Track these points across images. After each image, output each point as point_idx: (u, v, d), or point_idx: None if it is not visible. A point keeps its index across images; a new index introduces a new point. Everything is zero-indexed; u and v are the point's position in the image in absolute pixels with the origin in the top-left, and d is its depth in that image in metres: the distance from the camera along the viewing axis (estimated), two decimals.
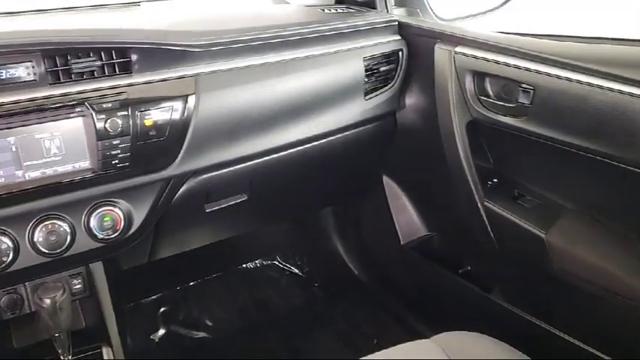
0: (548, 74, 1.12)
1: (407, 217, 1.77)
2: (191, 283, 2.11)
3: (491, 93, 1.31)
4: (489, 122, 1.30)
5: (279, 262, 2.26)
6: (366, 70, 1.44)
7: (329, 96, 1.39)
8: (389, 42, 1.48)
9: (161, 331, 1.91)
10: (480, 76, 1.31)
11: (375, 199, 1.81)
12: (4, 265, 1.06)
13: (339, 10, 1.57)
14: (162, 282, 2.02)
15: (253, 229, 2.08)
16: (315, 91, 1.36)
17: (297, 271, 2.24)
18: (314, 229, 2.20)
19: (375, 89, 1.49)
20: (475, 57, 1.29)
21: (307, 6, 1.64)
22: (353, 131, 1.49)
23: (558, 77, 1.10)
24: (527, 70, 1.16)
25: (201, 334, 1.92)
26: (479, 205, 1.39)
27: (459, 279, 1.60)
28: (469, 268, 1.63)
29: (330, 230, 2.14)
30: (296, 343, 1.85)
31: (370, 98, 1.48)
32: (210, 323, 1.96)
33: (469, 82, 1.33)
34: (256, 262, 2.25)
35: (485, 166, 1.43)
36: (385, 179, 1.78)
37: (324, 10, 1.56)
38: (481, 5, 1.69)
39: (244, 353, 1.81)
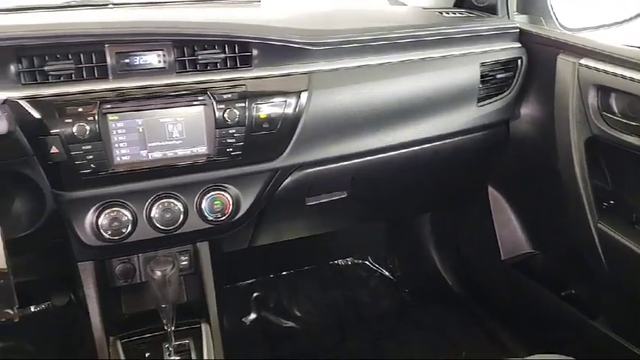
0: None
1: (510, 232, 1.71)
2: (284, 273, 2.17)
3: (615, 109, 1.24)
4: (611, 140, 1.23)
5: (371, 263, 2.27)
6: (482, 76, 1.41)
7: (441, 100, 1.38)
8: (508, 49, 1.43)
9: (252, 315, 1.98)
10: (604, 90, 1.24)
11: (478, 209, 1.76)
12: (123, 235, 1.16)
13: (459, 14, 1.54)
14: (257, 268, 2.10)
15: (349, 227, 2.10)
16: (427, 94, 1.35)
17: (387, 274, 2.23)
18: (409, 234, 2.18)
19: (490, 96, 1.45)
20: (601, 71, 1.22)
21: (425, 8, 1.62)
22: (462, 137, 1.47)
23: None
24: None
25: (290, 324, 1.97)
26: (592, 226, 1.31)
27: (561, 301, 1.53)
28: (573, 291, 1.54)
29: (427, 236, 2.11)
30: (382, 344, 1.85)
31: (483, 105, 1.44)
32: (298, 314, 2.01)
33: (592, 97, 1.26)
34: (348, 259, 2.27)
35: (602, 187, 1.35)
36: (490, 190, 1.72)
37: (442, 14, 1.54)
38: (610, 16, 1.59)
39: (330, 348, 1.84)
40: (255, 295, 2.05)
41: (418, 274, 2.17)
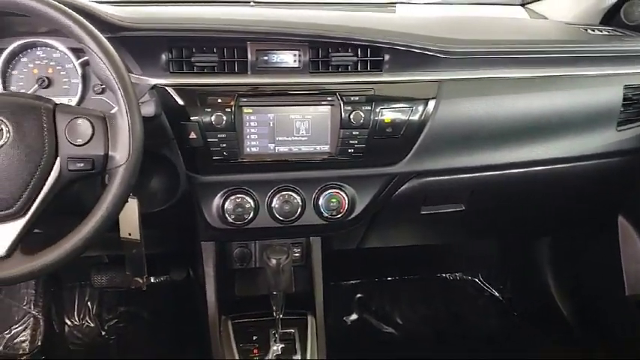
0: None
1: (638, 267, 1.57)
2: (389, 278, 2.16)
3: None
4: None
5: (480, 281, 2.20)
6: (625, 99, 1.32)
7: (575, 120, 1.31)
8: None
9: (354, 316, 2.00)
10: None
11: (604, 239, 1.65)
12: (244, 221, 1.23)
13: (605, 32, 1.45)
14: (363, 270, 2.12)
15: (462, 241, 2.05)
16: (560, 113, 1.29)
17: (497, 294, 2.15)
18: (525, 256, 2.08)
19: (631, 120, 1.36)
20: None
21: (568, 24, 1.54)
22: (596, 162, 1.38)
23: None
24: None
25: (390, 330, 1.97)
26: None
27: None
28: None
29: (543, 261, 2.00)
30: None
31: (623, 130, 1.35)
32: (400, 321, 2.00)
33: None
34: (457, 274, 2.22)
35: None
36: (621, 220, 1.60)
37: (586, 30, 1.45)
38: None
39: None
40: (358, 296, 2.07)
41: (530, 299, 2.07)
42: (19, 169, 0.86)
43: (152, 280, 1.87)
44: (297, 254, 1.38)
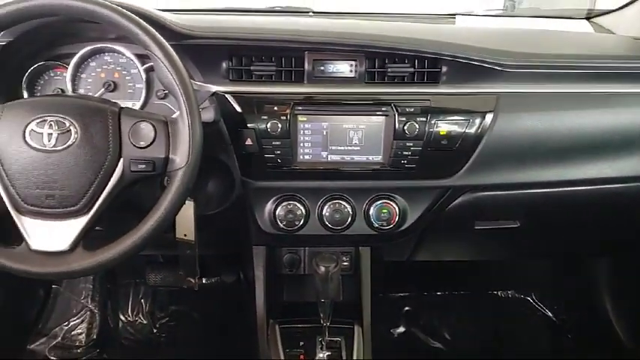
0: None
1: None
2: (438, 293, 2.13)
3: None
4: None
5: (533, 300, 2.13)
6: None
7: (638, 140, 1.25)
8: None
9: (401, 329, 1.98)
10: None
11: None
12: (295, 227, 1.24)
13: None
14: (412, 283, 2.09)
15: (515, 258, 2.00)
16: (625, 131, 1.24)
17: (550, 314, 2.08)
18: (582, 277, 2.01)
19: None
20: None
21: (636, 39, 1.48)
22: None
23: None
24: None
25: (438, 345, 1.94)
26: None
27: None
28: None
29: (602, 282, 1.92)
30: None
31: None
32: (448, 337, 1.97)
33: None
34: (509, 292, 2.16)
35: None
36: None
37: None
38: None
39: None
40: (406, 309, 2.05)
41: (586, 322, 1.99)
42: (85, 168, 0.90)
43: (204, 281, 1.92)
44: (346, 263, 1.39)
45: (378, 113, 1.17)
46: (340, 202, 1.25)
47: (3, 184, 0.90)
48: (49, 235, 0.91)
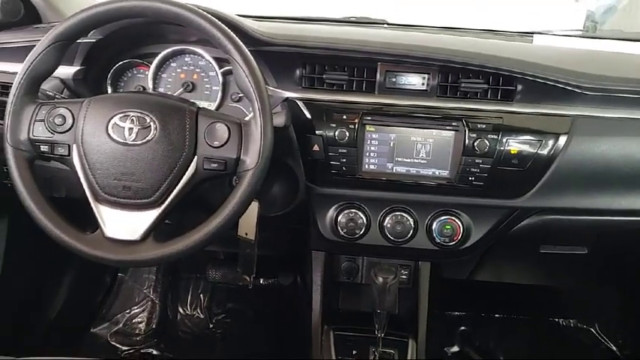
0: None
1: None
2: (496, 315, 2.07)
3: None
4: None
5: (597, 332, 2.03)
6: None
7: None
8: None
9: (455, 348, 1.94)
10: None
11: None
12: (355, 236, 1.25)
13: None
14: (470, 302, 2.05)
15: (580, 286, 1.92)
16: None
17: (614, 348, 1.98)
18: None
19: None
20: None
21: None
22: None
23: None
24: None
25: None
26: None
27: None
28: None
29: None
30: None
31: None
32: None
33: None
34: (571, 321, 2.07)
35: None
36: None
37: None
38: None
39: None
40: (462, 328, 2.00)
41: None
42: (161, 163, 0.94)
43: (261, 282, 1.95)
44: (404, 276, 1.38)
45: (447, 128, 1.16)
46: (403, 214, 1.24)
47: (84, 172, 0.96)
48: (123, 225, 0.95)
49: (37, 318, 1.77)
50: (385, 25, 1.55)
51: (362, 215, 1.25)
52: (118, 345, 1.88)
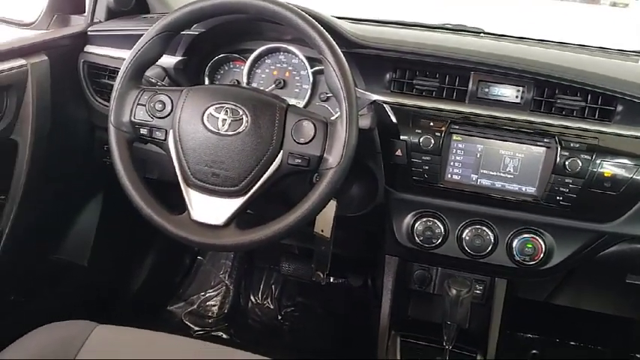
0: None
1: None
2: (572, 343, 1.97)
3: None
4: None
5: None
6: None
7: None
8: None
9: None
10: None
11: None
12: (431, 245, 1.23)
13: None
14: (545, 326, 1.96)
15: None
16: None
17: None
18: None
19: None
20: None
21: None
22: None
23: None
24: None
25: None
26: None
27: None
28: None
29: None
30: None
31: None
32: None
33: None
34: None
35: None
36: None
37: None
38: None
39: None
40: (533, 352, 1.92)
41: None
42: (249, 155, 0.98)
43: (331, 280, 1.97)
44: (478, 291, 1.34)
45: (539, 144, 1.12)
46: (483, 228, 1.22)
47: (178, 157, 1.01)
48: (209, 209, 0.99)
49: (121, 291, 1.88)
50: (481, 34, 1.52)
51: (440, 225, 1.23)
52: (190, 325, 1.96)
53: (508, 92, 1.16)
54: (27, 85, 1.23)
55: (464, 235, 1.22)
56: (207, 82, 1.34)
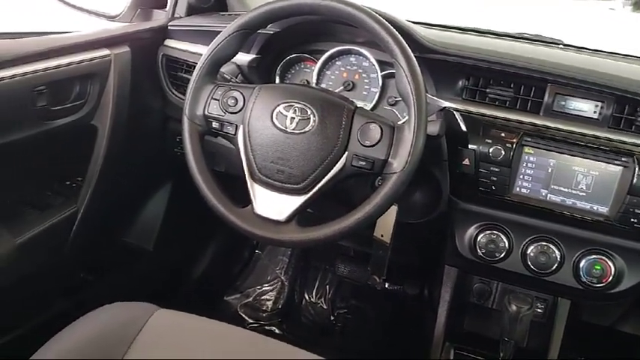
0: None
1: None
2: None
3: None
4: None
5: None
6: None
7: None
8: None
9: None
10: None
11: None
12: (494, 259, 1.20)
13: None
14: (609, 352, 1.87)
15: None
16: None
17: None
18: None
19: None
20: None
21: None
22: None
23: None
24: None
25: None
26: None
27: None
28: None
29: None
30: None
31: None
32: None
33: None
34: None
35: None
36: None
37: None
38: None
39: None
40: None
41: None
42: (314, 154, 0.98)
43: (386, 286, 1.95)
44: (539, 309, 1.30)
45: (615, 162, 1.07)
46: (549, 245, 1.17)
47: (245, 152, 1.03)
48: (272, 205, 1.01)
49: (183, 278, 1.94)
50: (560, 46, 1.47)
51: (504, 239, 1.20)
52: (245, 316, 2.00)
53: (586, 107, 1.12)
54: (109, 75, 1.30)
55: (528, 251, 1.18)
56: (277, 80, 1.36)
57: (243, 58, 1.28)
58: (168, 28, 1.44)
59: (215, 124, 1.06)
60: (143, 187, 1.71)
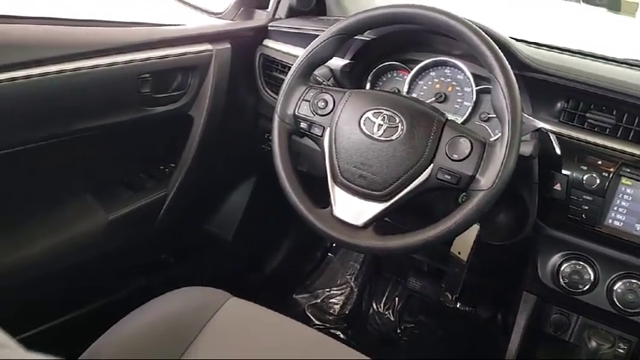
0: None
1: None
2: None
3: None
4: None
5: None
6: None
7: None
8: None
9: None
10: None
11: None
12: (577, 291, 1.14)
13: None
14: None
15: None
16: None
17: None
18: None
19: None
20: None
21: None
22: None
23: None
24: None
25: None
26: None
27: None
28: None
29: None
30: None
31: None
32: None
33: None
34: None
35: None
36: None
37: None
38: None
39: None
40: None
41: None
42: (399, 163, 0.98)
43: (458, 305, 1.90)
44: (621, 350, 1.22)
45: None
46: (639, 283, 1.10)
47: (330, 154, 1.04)
48: (351, 209, 1.01)
49: (257, 270, 1.99)
50: None
51: (590, 271, 1.14)
52: (311, 317, 2.01)
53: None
54: (209, 68, 1.36)
55: (615, 287, 1.11)
56: (368, 86, 1.37)
57: (337, 62, 1.29)
58: (269, 28, 1.49)
59: (303, 125, 1.08)
60: (229, 179, 1.77)
